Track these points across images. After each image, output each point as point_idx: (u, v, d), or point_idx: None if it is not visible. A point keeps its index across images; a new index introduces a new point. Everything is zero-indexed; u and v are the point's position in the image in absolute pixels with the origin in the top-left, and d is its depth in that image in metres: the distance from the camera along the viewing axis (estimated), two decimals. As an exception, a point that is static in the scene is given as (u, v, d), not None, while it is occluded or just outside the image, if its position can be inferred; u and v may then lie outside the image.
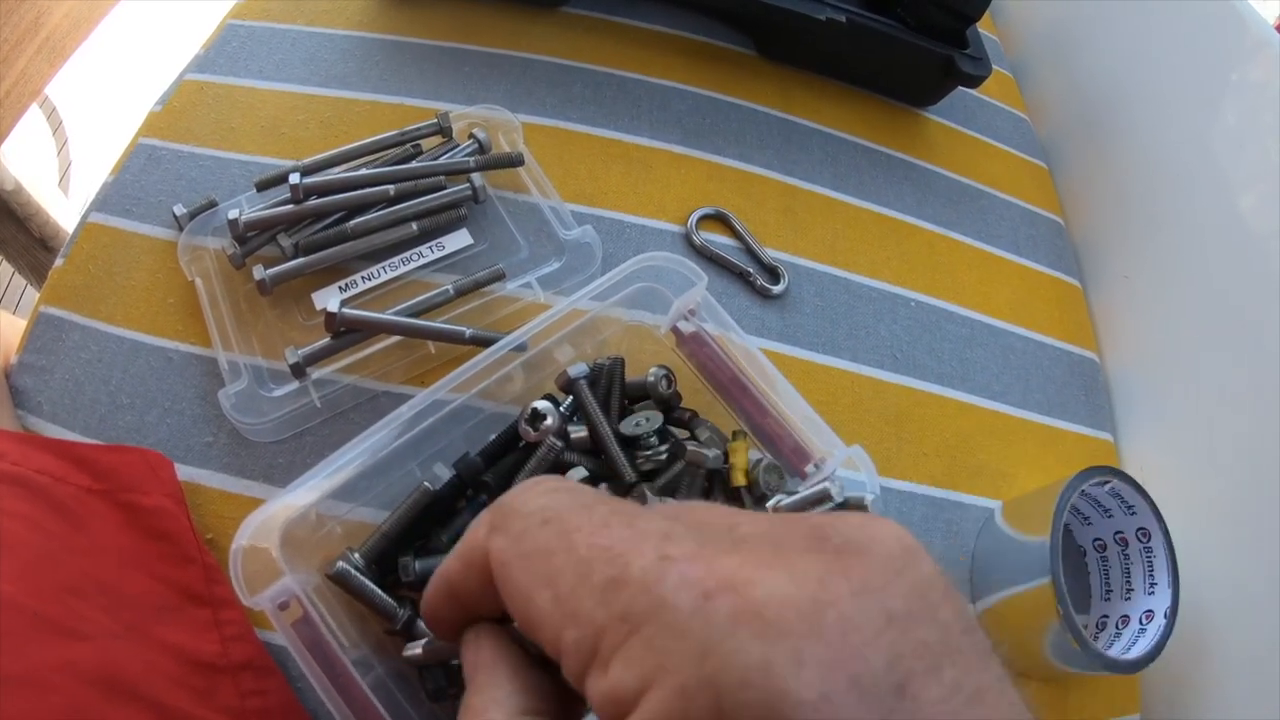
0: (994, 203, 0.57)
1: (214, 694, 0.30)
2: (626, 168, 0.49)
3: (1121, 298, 0.54)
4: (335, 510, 0.32)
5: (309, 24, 0.51)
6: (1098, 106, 0.59)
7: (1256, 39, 0.45)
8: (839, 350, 0.46)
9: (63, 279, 0.40)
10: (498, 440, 0.34)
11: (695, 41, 0.57)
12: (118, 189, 0.43)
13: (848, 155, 0.55)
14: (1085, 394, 0.51)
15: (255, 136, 0.46)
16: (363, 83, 0.49)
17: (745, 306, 0.46)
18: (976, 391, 0.48)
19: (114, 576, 0.31)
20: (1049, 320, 0.53)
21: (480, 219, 0.43)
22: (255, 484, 0.36)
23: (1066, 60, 0.64)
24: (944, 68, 0.53)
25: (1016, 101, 0.65)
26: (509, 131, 0.45)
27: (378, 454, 0.30)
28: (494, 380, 0.33)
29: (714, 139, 0.52)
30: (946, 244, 0.53)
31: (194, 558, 0.33)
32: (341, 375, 0.37)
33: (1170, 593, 0.38)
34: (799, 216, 0.51)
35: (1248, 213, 0.44)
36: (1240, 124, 0.46)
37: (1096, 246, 0.57)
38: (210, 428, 0.37)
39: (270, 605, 0.26)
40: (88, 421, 0.37)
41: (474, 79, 0.50)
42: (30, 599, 0.27)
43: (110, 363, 0.38)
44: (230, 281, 0.39)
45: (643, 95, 0.52)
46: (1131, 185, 0.54)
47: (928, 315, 0.49)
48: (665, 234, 0.47)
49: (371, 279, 0.40)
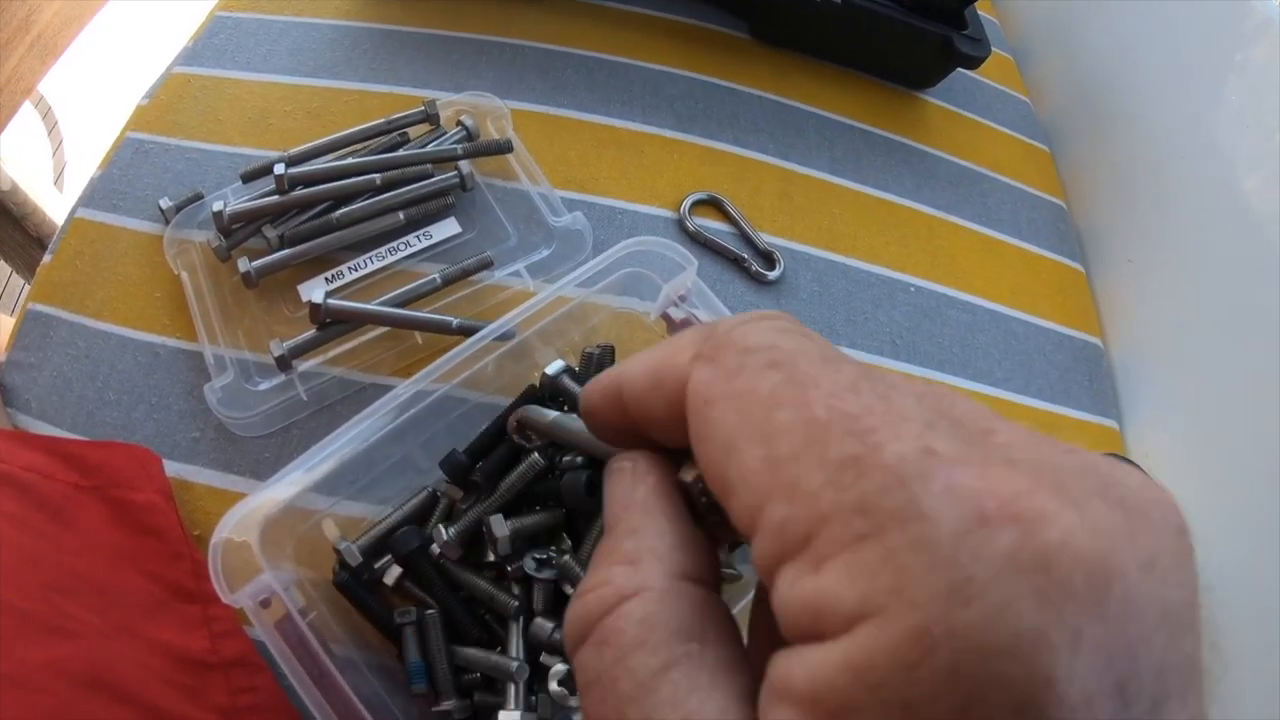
0: (995, 186, 0.56)
1: (204, 691, 0.29)
2: (618, 153, 0.48)
3: (1125, 282, 0.53)
4: (319, 504, 0.32)
5: (296, 14, 0.51)
6: (1100, 89, 0.57)
7: (1260, 20, 0.44)
8: (837, 337, 0.45)
9: (50, 275, 0.40)
10: (484, 436, 0.34)
11: (687, 25, 0.56)
12: (105, 184, 0.43)
13: (844, 139, 0.54)
14: (1089, 380, 0.50)
15: (242, 128, 0.45)
16: (350, 72, 0.48)
17: (740, 293, 0.45)
18: (978, 378, 0.47)
19: (102, 574, 0.30)
20: (1051, 305, 0.52)
21: (468, 207, 0.43)
22: (242, 479, 0.36)
23: (1067, 42, 0.62)
24: (942, 49, 0.52)
25: (1017, 84, 0.64)
26: (497, 118, 0.45)
27: (362, 445, 0.30)
28: (480, 369, 0.33)
29: (707, 123, 0.51)
30: (946, 228, 0.52)
31: (183, 554, 0.33)
32: (328, 368, 0.37)
33: (1175, 580, 0.37)
34: (795, 201, 0.50)
35: (1251, 195, 0.43)
36: (1244, 106, 0.45)
37: (1099, 230, 0.56)
38: (197, 423, 0.36)
39: (250, 603, 0.26)
40: (75, 418, 0.36)
41: (462, 66, 0.50)
42: (17, 598, 0.27)
43: (98, 359, 0.38)
44: (216, 275, 0.39)
45: (634, 79, 0.52)
46: (1134, 168, 0.53)
47: (928, 301, 0.49)
48: (658, 220, 0.47)
49: (358, 269, 0.40)
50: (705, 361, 0.14)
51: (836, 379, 0.12)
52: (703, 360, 0.14)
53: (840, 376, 0.12)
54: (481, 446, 0.34)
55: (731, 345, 0.14)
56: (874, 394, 0.12)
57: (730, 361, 0.13)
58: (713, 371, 0.14)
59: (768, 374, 0.13)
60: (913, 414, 0.12)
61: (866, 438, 0.11)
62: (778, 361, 0.13)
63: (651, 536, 0.14)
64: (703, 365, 0.14)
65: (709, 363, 0.14)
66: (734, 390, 0.13)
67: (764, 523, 0.12)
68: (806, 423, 0.12)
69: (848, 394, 0.12)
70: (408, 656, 0.30)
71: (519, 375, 0.36)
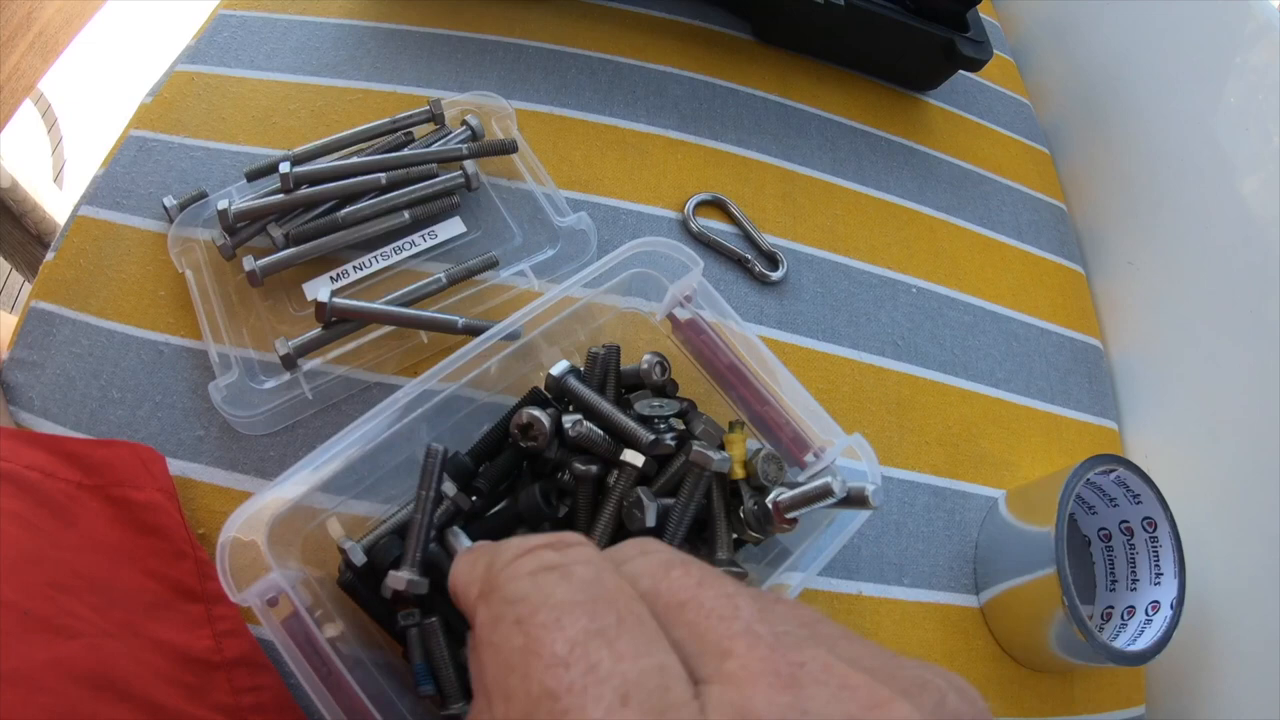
0: (996, 188, 0.56)
1: (207, 691, 0.29)
2: (622, 154, 0.48)
3: (1125, 283, 0.53)
4: (325, 503, 0.32)
5: (300, 13, 0.50)
6: (1100, 91, 0.58)
7: (1260, 23, 0.45)
8: (839, 337, 0.46)
9: (53, 273, 0.40)
10: (487, 438, 0.34)
11: (692, 26, 0.56)
12: (108, 181, 0.42)
13: (847, 140, 0.54)
14: (1089, 381, 0.50)
15: (246, 127, 0.45)
16: (354, 71, 0.48)
17: (744, 293, 0.46)
18: (979, 379, 0.47)
19: (105, 573, 0.30)
20: (1052, 306, 0.52)
21: (473, 207, 0.43)
22: (247, 478, 0.36)
23: (1068, 44, 0.63)
24: (944, 51, 0.52)
25: (1018, 86, 0.64)
26: (502, 118, 0.45)
27: (368, 445, 0.30)
28: (486, 369, 0.33)
29: (711, 124, 0.51)
30: (948, 230, 0.53)
31: (186, 553, 0.33)
32: (333, 366, 0.37)
33: (1176, 583, 0.37)
34: (798, 202, 0.50)
35: (1251, 197, 0.44)
36: (1243, 108, 0.45)
37: (1099, 232, 0.56)
38: (201, 421, 0.36)
39: (258, 601, 0.26)
40: (79, 416, 0.36)
41: (467, 66, 0.50)
42: (19, 596, 0.27)
43: (101, 357, 0.38)
44: (221, 273, 0.39)
45: (638, 80, 0.52)
46: (1134, 170, 0.53)
47: (929, 302, 0.49)
48: (662, 220, 0.47)
49: (363, 269, 0.40)
50: (483, 603, 0.16)
51: (558, 645, 0.14)
52: (481, 601, 0.16)
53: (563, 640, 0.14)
54: (484, 448, 0.34)
55: (497, 591, 0.16)
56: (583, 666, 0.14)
57: (495, 609, 0.16)
58: (485, 615, 0.16)
59: (513, 633, 0.15)
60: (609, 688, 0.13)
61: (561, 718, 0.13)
62: (521, 619, 0.15)
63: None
64: (481, 607, 0.16)
65: (484, 604, 0.16)
66: (493, 643, 0.15)
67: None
68: (525, 696, 0.14)
69: (558, 669, 0.14)
70: (413, 658, 0.30)
71: (524, 375, 0.36)
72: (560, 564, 0.16)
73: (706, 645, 0.14)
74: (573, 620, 0.14)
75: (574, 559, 0.16)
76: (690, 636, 0.15)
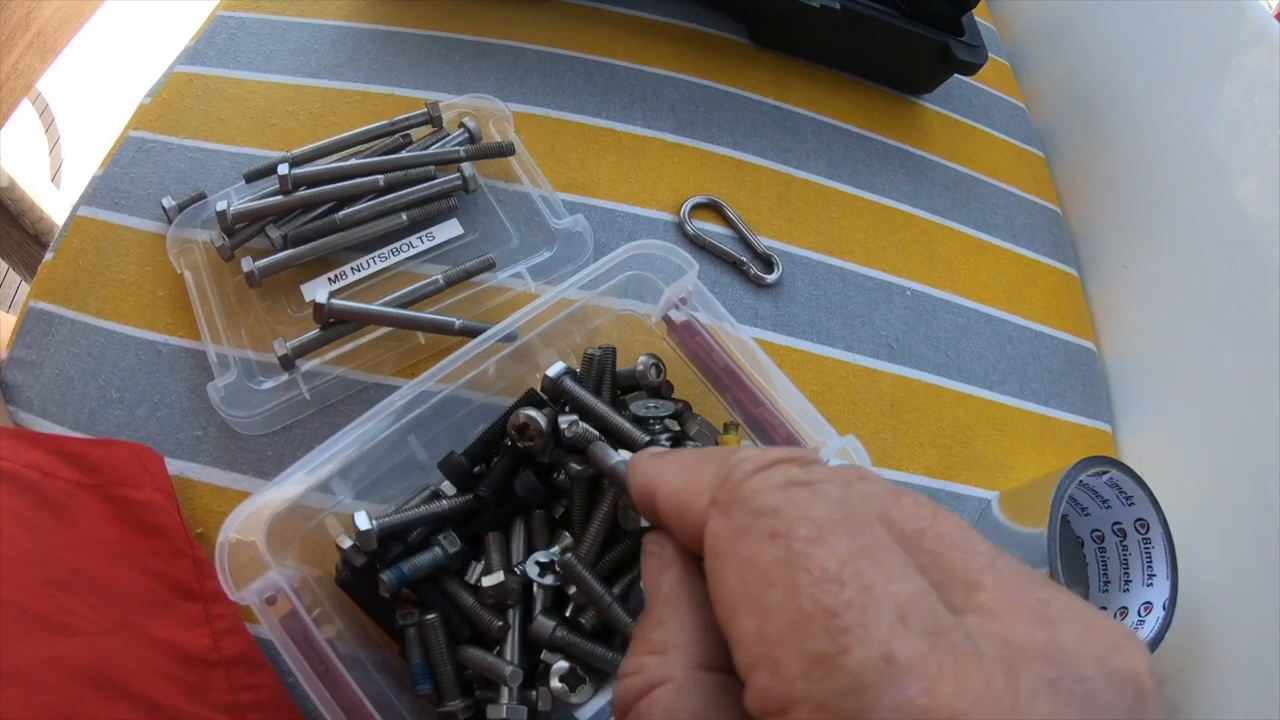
0: (990, 191, 0.56)
1: (206, 689, 0.29)
2: (618, 156, 0.49)
3: (1119, 286, 0.53)
4: (323, 503, 0.32)
5: (299, 14, 0.51)
6: (1095, 94, 0.58)
7: (1255, 26, 0.45)
8: (834, 339, 0.46)
9: (52, 273, 0.40)
10: (483, 437, 0.34)
11: (688, 29, 0.56)
12: (107, 182, 0.43)
13: (842, 143, 0.54)
14: (1083, 384, 0.50)
15: (245, 128, 0.45)
16: (353, 73, 0.48)
17: (739, 296, 0.46)
18: (973, 381, 0.47)
19: (104, 571, 0.30)
20: (1046, 309, 0.52)
21: (471, 209, 0.43)
22: (245, 477, 0.36)
23: (1063, 48, 0.63)
24: (940, 55, 0.52)
25: (1013, 89, 0.64)
26: (500, 121, 0.45)
27: (366, 445, 0.30)
28: (482, 370, 0.33)
29: (707, 127, 0.52)
30: (942, 233, 0.53)
31: (185, 552, 0.33)
32: (331, 367, 0.37)
33: (1169, 585, 0.37)
34: (793, 205, 0.50)
35: (1246, 200, 0.44)
36: (1238, 111, 0.46)
37: (1094, 235, 0.56)
38: (200, 421, 0.37)
39: (257, 600, 0.26)
40: (77, 416, 0.36)
41: (464, 68, 0.50)
42: (18, 594, 0.27)
43: (100, 357, 0.38)
44: (219, 274, 0.39)
45: (635, 83, 0.52)
46: (1129, 173, 0.54)
47: (923, 304, 0.49)
48: (658, 223, 0.47)
49: (361, 270, 0.40)
50: (719, 512, 0.15)
51: (828, 561, 0.13)
52: (717, 510, 0.15)
53: (832, 556, 0.13)
54: (480, 449, 0.34)
55: (741, 502, 0.15)
56: (857, 582, 0.13)
57: (738, 520, 0.15)
58: (723, 526, 0.15)
59: (767, 546, 0.14)
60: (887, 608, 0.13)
61: (839, 638, 0.12)
62: (778, 533, 0.14)
63: (674, 630, 0.16)
64: (716, 516, 0.15)
65: (722, 514, 0.15)
66: (738, 554, 0.14)
67: (753, 682, 0.13)
68: (793, 610, 0.13)
69: (832, 585, 0.13)
70: (411, 657, 0.30)
71: (521, 377, 0.36)
72: (809, 480, 0.15)
73: (954, 576, 0.14)
74: (836, 538, 0.14)
75: (820, 476, 0.15)
76: (933, 565, 0.14)
